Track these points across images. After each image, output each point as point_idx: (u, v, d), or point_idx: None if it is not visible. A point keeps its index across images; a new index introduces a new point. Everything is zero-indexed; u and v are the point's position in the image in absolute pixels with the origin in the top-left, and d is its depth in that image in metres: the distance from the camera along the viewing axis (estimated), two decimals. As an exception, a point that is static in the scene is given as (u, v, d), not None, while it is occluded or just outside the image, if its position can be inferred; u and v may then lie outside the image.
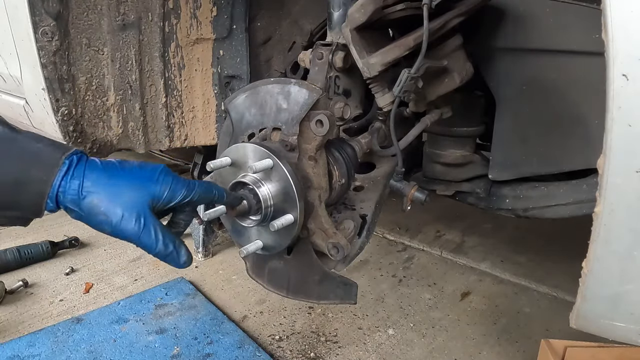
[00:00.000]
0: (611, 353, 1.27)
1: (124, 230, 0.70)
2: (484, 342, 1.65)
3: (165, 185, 0.75)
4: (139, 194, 0.72)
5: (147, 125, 1.69)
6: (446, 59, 1.18)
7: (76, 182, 0.70)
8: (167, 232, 0.75)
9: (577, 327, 0.88)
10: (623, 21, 0.65)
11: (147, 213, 0.72)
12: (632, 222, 0.73)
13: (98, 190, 0.70)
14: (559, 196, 1.31)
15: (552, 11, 1.14)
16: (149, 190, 0.73)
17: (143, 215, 0.71)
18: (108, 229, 0.71)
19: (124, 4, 1.47)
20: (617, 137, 0.69)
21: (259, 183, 0.94)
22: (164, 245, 0.73)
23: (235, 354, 1.55)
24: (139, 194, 0.72)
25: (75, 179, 0.70)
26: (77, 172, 0.70)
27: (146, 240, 0.72)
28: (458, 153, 1.44)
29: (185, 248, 0.77)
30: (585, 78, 1.13)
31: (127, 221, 0.70)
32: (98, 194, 0.70)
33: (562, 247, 2.19)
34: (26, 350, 1.56)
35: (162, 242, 0.73)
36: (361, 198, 1.23)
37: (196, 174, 2.29)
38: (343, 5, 1.17)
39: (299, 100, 0.97)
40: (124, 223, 0.70)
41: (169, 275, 2.04)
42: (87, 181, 0.70)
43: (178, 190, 0.76)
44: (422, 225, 2.52)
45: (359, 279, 2.02)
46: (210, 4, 1.66)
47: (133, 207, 0.71)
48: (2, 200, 0.67)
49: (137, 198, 0.71)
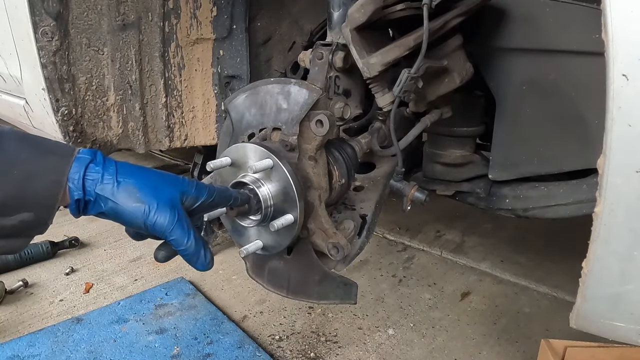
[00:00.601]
0: (611, 353, 1.27)
1: (158, 221, 0.68)
2: (484, 342, 1.65)
3: (192, 183, 0.75)
4: (172, 188, 0.71)
5: (147, 125, 1.69)
6: (446, 59, 1.18)
7: (111, 169, 0.68)
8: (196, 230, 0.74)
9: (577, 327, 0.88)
10: (623, 21, 0.65)
11: (180, 207, 0.71)
12: (632, 222, 0.73)
13: (134, 179, 0.69)
14: (559, 196, 1.30)
15: (552, 11, 1.13)
16: (180, 185, 0.73)
17: (177, 208, 0.70)
18: (141, 219, 0.68)
19: (124, 4, 1.47)
20: (617, 137, 0.69)
21: (259, 183, 0.94)
22: (194, 241, 0.71)
23: (235, 354, 1.55)
24: (172, 188, 0.71)
25: (110, 167, 0.68)
26: (108, 161, 0.69)
27: (178, 234, 0.70)
28: (458, 153, 1.44)
29: (210, 250, 0.76)
30: (585, 78, 1.13)
31: (162, 212, 0.68)
32: (134, 183, 0.68)
33: (562, 247, 2.19)
34: (26, 350, 1.56)
35: (194, 238, 0.71)
36: (361, 198, 1.23)
37: (196, 174, 2.29)
38: (343, 5, 1.17)
39: (299, 100, 0.97)
40: (158, 213, 0.68)
41: (169, 275, 2.04)
42: (122, 169, 0.69)
43: (203, 189, 0.76)
44: (422, 225, 2.52)
45: (359, 279, 2.02)
46: (210, 4, 1.66)
47: (168, 198, 0.69)
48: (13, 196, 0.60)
49: (171, 191, 0.71)
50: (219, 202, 0.79)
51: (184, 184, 0.74)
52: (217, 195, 0.79)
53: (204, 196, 0.75)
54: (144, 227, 0.69)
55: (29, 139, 0.65)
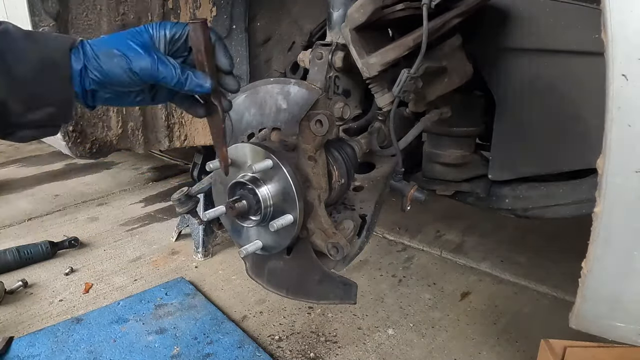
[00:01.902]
0: (611, 353, 1.27)
1: (142, 65, 0.73)
2: (484, 342, 1.65)
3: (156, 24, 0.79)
4: (140, 35, 0.76)
5: (147, 125, 1.69)
6: (446, 59, 1.18)
7: (87, 47, 0.74)
8: (179, 62, 0.77)
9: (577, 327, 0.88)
10: (623, 21, 0.65)
11: (155, 48, 0.76)
12: (632, 222, 0.73)
13: (106, 45, 0.75)
14: (558, 196, 1.31)
15: (552, 11, 1.14)
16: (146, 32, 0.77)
17: (152, 49, 0.75)
18: (128, 72, 0.74)
19: (124, 4, 1.47)
20: (617, 137, 0.69)
21: (258, 183, 0.94)
22: (181, 71, 0.76)
23: (235, 354, 1.55)
24: (140, 35, 0.76)
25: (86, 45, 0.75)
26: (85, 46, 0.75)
27: (164, 70, 0.74)
28: (458, 153, 1.44)
29: (204, 73, 0.78)
30: (585, 78, 1.13)
31: (140, 57, 0.74)
32: (107, 47, 0.74)
33: (562, 247, 2.18)
34: (26, 350, 1.56)
35: (180, 69, 0.76)
36: (361, 198, 1.23)
37: (196, 174, 2.29)
38: (343, 5, 1.17)
39: (298, 100, 0.97)
40: (138, 59, 0.73)
41: (168, 275, 2.04)
42: (96, 46, 0.74)
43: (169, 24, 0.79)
44: (422, 225, 2.52)
45: (359, 279, 2.02)
46: (209, 4, 1.66)
47: (140, 45, 0.75)
48: (33, 90, 0.71)
49: (140, 38, 0.76)
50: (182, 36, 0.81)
51: (150, 28, 0.78)
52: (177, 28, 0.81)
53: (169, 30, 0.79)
54: (136, 76, 0.74)
55: (32, 37, 0.72)
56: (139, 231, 2.47)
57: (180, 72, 0.76)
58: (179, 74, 0.76)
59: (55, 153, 3.64)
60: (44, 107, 0.73)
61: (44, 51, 0.72)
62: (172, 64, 0.75)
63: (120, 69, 0.73)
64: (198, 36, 0.77)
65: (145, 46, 0.75)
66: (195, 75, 0.77)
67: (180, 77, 0.76)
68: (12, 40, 0.70)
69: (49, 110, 0.74)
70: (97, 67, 0.73)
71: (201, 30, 0.77)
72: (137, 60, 0.73)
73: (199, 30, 0.76)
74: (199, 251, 2.18)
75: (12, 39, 0.70)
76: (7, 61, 0.69)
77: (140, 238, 2.39)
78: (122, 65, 0.73)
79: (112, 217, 2.63)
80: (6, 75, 0.69)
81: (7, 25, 0.71)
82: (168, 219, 2.58)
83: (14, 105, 0.70)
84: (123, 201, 2.86)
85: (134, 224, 2.55)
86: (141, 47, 0.75)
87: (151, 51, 0.75)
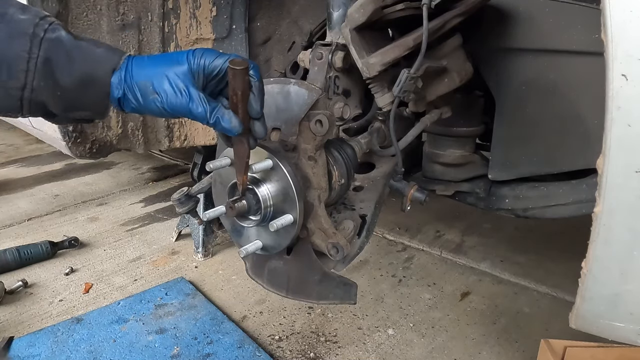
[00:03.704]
0: (611, 353, 1.27)
1: (174, 104, 0.76)
2: (483, 342, 1.65)
3: (198, 53, 0.79)
4: (179, 65, 0.77)
5: (147, 125, 1.69)
6: (446, 59, 1.18)
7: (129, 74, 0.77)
8: (212, 101, 0.79)
9: (577, 327, 0.88)
10: (622, 21, 0.65)
11: (191, 85, 0.77)
12: (632, 222, 0.73)
13: (145, 76, 0.77)
14: (558, 196, 1.31)
15: (552, 11, 1.14)
16: (186, 61, 0.78)
17: (187, 88, 0.76)
18: (161, 109, 0.77)
19: (124, 4, 1.47)
20: (617, 137, 0.69)
21: (258, 183, 0.94)
22: (212, 112, 0.78)
23: (235, 354, 1.55)
24: (179, 65, 0.77)
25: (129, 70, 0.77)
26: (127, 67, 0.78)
27: (195, 110, 0.76)
28: (458, 153, 1.44)
29: (233, 114, 0.80)
30: (585, 78, 1.13)
31: (174, 97, 0.76)
32: (146, 79, 0.77)
33: (562, 247, 2.19)
34: (26, 351, 1.56)
35: (210, 110, 0.77)
36: (361, 198, 1.23)
37: (196, 174, 2.29)
38: (343, 5, 1.17)
39: (298, 100, 0.97)
40: (171, 99, 0.76)
41: (168, 275, 2.04)
42: (135, 69, 0.77)
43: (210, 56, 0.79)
44: (422, 225, 2.52)
45: (359, 279, 2.02)
46: (209, 4, 1.66)
47: (176, 82, 0.76)
48: (73, 99, 0.76)
49: (178, 69, 0.77)
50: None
51: (191, 59, 0.79)
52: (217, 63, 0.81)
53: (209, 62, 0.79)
54: (168, 113, 0.78)
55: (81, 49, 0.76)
56: (139, 231, 2.47)
57: (210, 113, 0.78)
58: (208, 117, 0.78)
59: (55, 153, 3.64)
60: (80, 111, 0.80)
61: (88, 67, 0.76)
62: (204, 105, 0.77)
63: (154, 105, 0.77)
64: (237, 80, 0.77)
65: (182, 82, 0.77)
66: (224, 119, 0.78)
67: (209, 118, 0.78)
68: (62, 53, 0.74)
69: (85, 114, 0.81)
70: (134, 97, 0.77)
71: (241, 76, 0.77)
72: (171, 100, 0.76)
73: (238, 76, 0.77)
74: (199, 251, 2.18)
75: (63, 50, 0.74)
76: (54, 71, 0.74)
77: (140, 238, 2.39)
78: (156, 102, 0.77)
79: (112, 217, 2.63)
80: (51, 82, 0.74)
81: (60, 33, 0.75)
82: (168, 219, 2.59)
83: (54, 107, 0.77)
84: (123, 201, 2.86)
85: (134, 224, 2.55)
86: (177, 85, 0.76)
87: (186, 90, 0.76)
